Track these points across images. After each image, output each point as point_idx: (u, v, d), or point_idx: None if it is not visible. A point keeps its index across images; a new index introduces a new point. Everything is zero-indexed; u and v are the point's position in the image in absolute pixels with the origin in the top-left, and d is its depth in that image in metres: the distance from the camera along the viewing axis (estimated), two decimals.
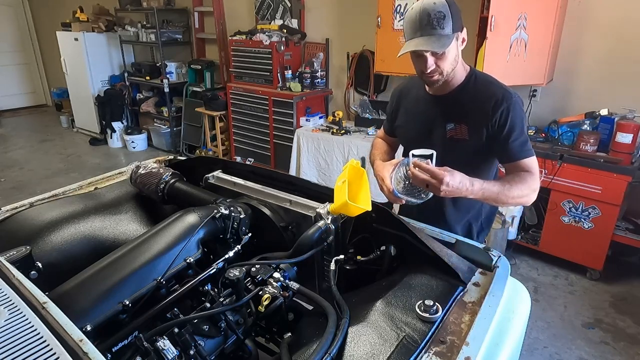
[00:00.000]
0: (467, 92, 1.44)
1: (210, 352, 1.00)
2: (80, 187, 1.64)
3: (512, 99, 1.37)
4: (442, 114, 1.47)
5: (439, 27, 1.28)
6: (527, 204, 1.42)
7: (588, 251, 2.98)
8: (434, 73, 1.36)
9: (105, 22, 6.05)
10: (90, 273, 1.04)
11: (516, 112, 1.37)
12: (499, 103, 1.36)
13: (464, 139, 1.43)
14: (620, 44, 2.96)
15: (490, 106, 1.37)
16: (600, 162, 2.80)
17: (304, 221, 1.30)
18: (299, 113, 4.25)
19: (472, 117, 1.41)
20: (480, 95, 1.41)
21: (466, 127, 1.42)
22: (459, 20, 1.32)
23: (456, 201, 1.56)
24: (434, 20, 1.28)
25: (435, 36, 1.29)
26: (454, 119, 1.44)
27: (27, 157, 5.85)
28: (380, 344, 0.87)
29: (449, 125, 1.45)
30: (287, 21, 4.54)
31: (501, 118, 1.36)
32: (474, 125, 1.41)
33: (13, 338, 0.71)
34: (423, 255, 1.12)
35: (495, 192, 1.31)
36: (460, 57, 1.40)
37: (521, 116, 1.39)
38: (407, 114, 1.61)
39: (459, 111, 1.44)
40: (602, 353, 2.42)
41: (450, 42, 1.30)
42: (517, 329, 1.01)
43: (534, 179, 1.37)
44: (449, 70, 1.37)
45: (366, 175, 1.21)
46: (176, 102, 5.80)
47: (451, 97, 1.46)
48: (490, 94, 1.39)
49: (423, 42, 1.30)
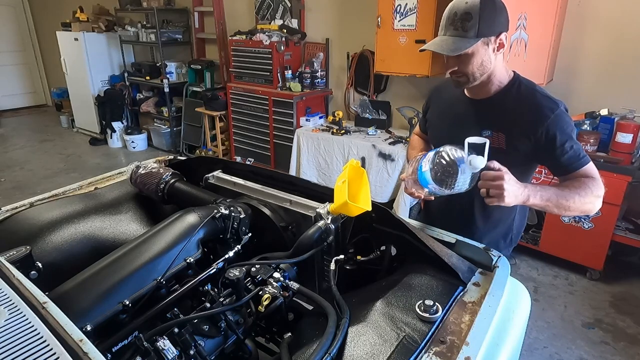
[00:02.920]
0: (509, 99, 1.34)
1: (210, 352, 1.00)
2: (80, 187, 1.64)
3: (559, 108, 1.28)
4: (478, 118, 1.38)
5: (462, 29, 1.22)
6: (591, 212, 1.30)
7: (588, 251, 2.98)
8: (458, 74, 1.30)
9: (105, 22, 6.05)
10: (90, 273, 1.04)
11: (566, 122, 1.27)
12: (545, 115, 1.27)
13: (501, 148, 1.33)
14: (621, 44, 2.96)
15: (536, 117, 1.28)
16: (600, 162, 2.80)
17: (304, 221, 1.30)
18: (299, 113, 4.25)
19: (513, 126, 1.32)
20: (524, 104, 1.31)
21: (504, 136, 1.32)
22: (492, 24, 1.23)
23: (486, 211, 1.46)
24: (458, 21, 1.22)
25: (455, 37, 1.23)
26: (491, 125, 1.34)
27: (27, 157, 5.85)
28: (380, 344, 0.87)
29: (484, 132, 1.34)
30: (287, 21, 4.54)
31: (549, 131, 1.26)
32: (514, 135, 1.32)
33: (13, 338, 0.71)
34: (423, 255, 1.12)
35: (555, 196, 1.22)
36: (498, 65, 1.31)
37: (571, 125, 1.29)
38: (440, 113, 1.54)
39: (498, 118, 1.35)
40: (602, 353, 2.42)
41: (467, 47, 1.22)
42: (517, 329, 1.01)
43: (596, 184, 1.26)
44: (474, 75, 1.29)
45: (366, 175, 1.21)
46: (176, 102, 5.80)
47: (490, 103, 1.37)
48: (535, 103, 1.30)
49: (440, 42, 1.26)
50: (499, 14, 1.24)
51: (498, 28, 1.24)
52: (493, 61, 1.29)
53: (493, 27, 1.23)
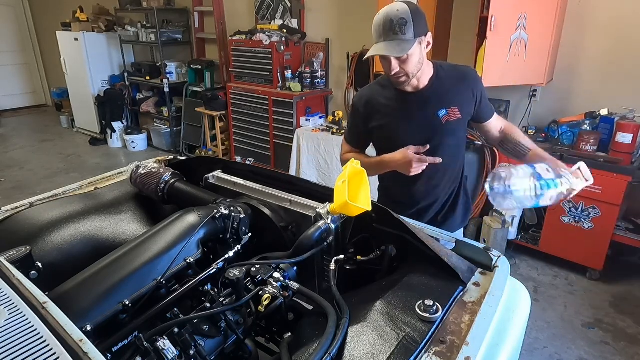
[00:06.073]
0: (443, 79, 1.57)
1: (210, 352, 1.00)
2: (80, 187, 1.64)
3: (472, 68, 1.68)
4: (428, 105, 1.57)
5: (401, 32, 1.38)
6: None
7: (588, 251, 2.98)
8: (399, 75, 1.48)
9: (105, 22, 6.06)
10: (90, 273, 1.04)
11: (479, 79, 1.64)
12: (472, 75, 1.61)
13: (458, 119, 1.57)
14: (621, 44, 2.96)
15: (469, 81, 1.59)
16: (600, 162, 2.80)
17: (304, 221, 1.29)
18: (299, 113, 4.25)
19: (459, 97, 1.58)
20: (455, 77, 1.59)
21: (457, 108, 1.57)
22: (422, 26, 1.42)
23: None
24: (396, 27, 1.37)
25: (397, 41, 1.39)
26: (444, 104, 1.56)
27: (27, 157, 5.86)
28: (380, 344, 0.87)
29: (440, 112, 1.56)
30: (287, 21, 4.54)
31: (477, 87, 1.60)
32: (463, 103, 1.58)
33: (13, 338, 0.71)
34: (423, 255, 1.12)
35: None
36: (425, 59, 1.51)
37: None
38: (387, 114, 1.62)
39: (446, 96, 1.57)
40: (602, 353, 2.42)
41: (411, 47, 1.40)
42: (517, 329, 1.01)
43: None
44: (414, 72, 1.48)
45: (366, 175, 1.21)
46: (176, 102, 5.80)
47: (431, 89, 1.57)
48: (461, 72, 1.61)
49: (385, 47, 1.41)
50: (423, 17, 1.44)
51: (426, 28, 1.45)
52: (425, 57, 1.50)
53: (423, 27, 1.43)
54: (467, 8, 3.27)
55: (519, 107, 3.44)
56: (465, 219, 1.81)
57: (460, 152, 1.72)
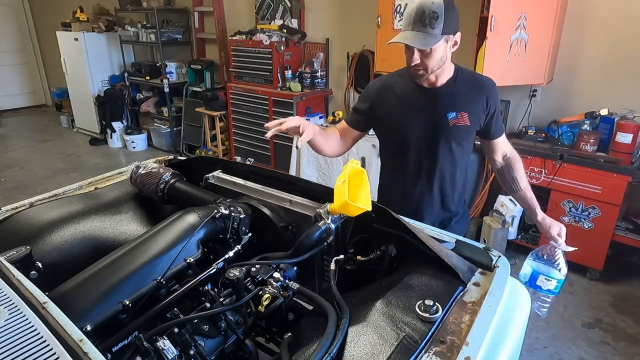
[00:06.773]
0: (460, 83, 1.56)
1: (210, 352, 1.00)
2: (80, 187, 1.64)
3: (492, 80, 1.60)
4: (440, 104, 1.55)
5: (430, 26, 1.36)
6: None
7: (588, 251, 2.98)
8: (418, 67, 1.46)
9: (105, 22, 6.06)
10: (90, 273, 1.04)
11: (498, 93, 1.60)
12: (490, 87, 1.58)
13: (466, 125, 1.55)
14: (621, 44, 2.96)
15: (486, 91, 1.56)
16: (600, 162, 2.80)
17: (304, 221, 1.30)
18: (299, 113, 4.25)
19: (471, 104, 1.55)
20: (473, 84, 1.57)
21: (467, 114, 1.54)
22: (453, 24, 1.40)
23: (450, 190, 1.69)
24: (426, 19, 1.36)
25: (423, 34, 1.37)
26: (455, 108, 1.54)
27: (27, 157, 5.86)
28: (380, 344, 0.87)
29: (450, 114, 1.54)
30: (287, 21, 4.54)
31: (492, 100, 1.57)
32: (474, 111, 1.55)
33: (13, 338, 0.71)
34: (423, 255, 1.12)
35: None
36: (449, 58, 1.49)
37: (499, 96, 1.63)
38: (397, 105, 1.61)
39: (459, 100, 1.55)
40: (602, 353, 2.42)
41: (435, 42, 1.38)
42: (517, 329, 1.01)
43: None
44: (433, 68, 1.46)
45: (366, 175, 1.21)
46: (176, 102, 5.80)
47: (447, 89, 1.55)
48: (480, 81, 1.60)
49: (410, 36, 1.39)
50: (457, 16, 1.42)
51: (456, 27, 1.43)
52: (449, 56, 1.48)
53: (454, 26, 1.41)
54: (467, 8, 3.25)
55: (519, 107, 3.44)
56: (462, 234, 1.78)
57: (463, 161, 1.64)
